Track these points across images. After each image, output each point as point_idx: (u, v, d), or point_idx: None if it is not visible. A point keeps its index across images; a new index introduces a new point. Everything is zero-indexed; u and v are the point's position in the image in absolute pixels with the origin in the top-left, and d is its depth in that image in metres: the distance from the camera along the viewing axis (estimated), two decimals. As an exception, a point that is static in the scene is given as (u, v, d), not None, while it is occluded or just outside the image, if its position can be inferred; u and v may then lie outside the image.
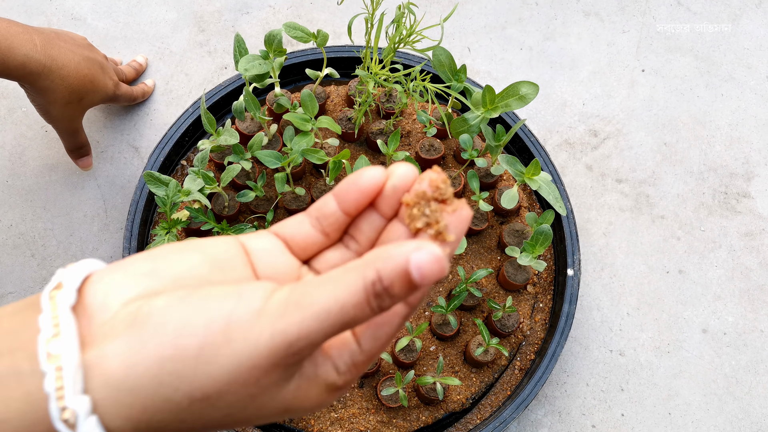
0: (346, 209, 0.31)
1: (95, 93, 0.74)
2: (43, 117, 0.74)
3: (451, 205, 0.30)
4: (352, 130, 0.80)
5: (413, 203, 0.30)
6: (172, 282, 0.28)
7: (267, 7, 0.94)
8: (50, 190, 0.83)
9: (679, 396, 0.77)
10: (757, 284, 0.82)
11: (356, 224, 0.32)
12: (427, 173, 0.30)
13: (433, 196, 0.30)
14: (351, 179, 0.31)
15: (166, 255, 0.30)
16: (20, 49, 0.65)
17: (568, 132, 0.89)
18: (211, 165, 0.81)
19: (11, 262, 0.80)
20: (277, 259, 0.32)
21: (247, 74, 0.68)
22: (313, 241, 0.32)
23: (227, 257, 0.31)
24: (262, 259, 0.32)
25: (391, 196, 0.31)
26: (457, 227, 0.29)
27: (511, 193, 0.71)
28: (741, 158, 0.88)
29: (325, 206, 0.32)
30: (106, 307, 0.27)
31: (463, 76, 0.69)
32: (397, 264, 0.26)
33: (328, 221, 0.32)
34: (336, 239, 0.33)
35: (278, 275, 0.32)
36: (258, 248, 0.32)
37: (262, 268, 0.32)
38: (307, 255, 0.33)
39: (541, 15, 0.95)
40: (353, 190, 0.31)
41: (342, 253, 0.33)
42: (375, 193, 0.31)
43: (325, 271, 0.33)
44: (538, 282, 0.79)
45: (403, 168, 0.31)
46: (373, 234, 0.32)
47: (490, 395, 0.75)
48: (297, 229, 0.32)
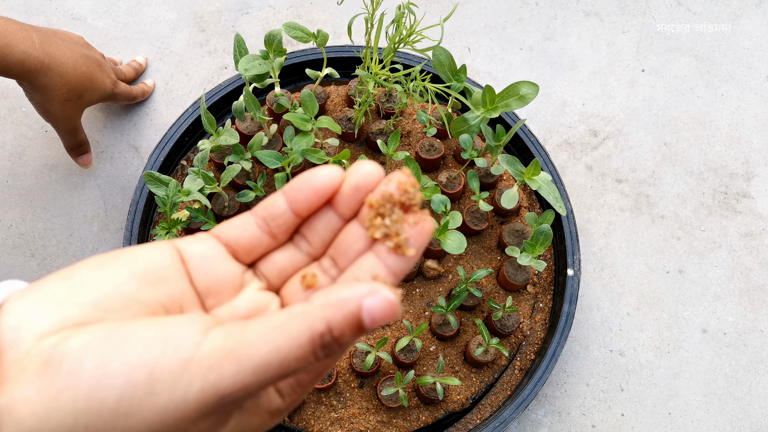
0: (297, 210, 0.29)
1: (93, 91, 0.74)
2: (41, 115, 0.73)
3: (415, 215, 0.28)
4: (352, 130, 0.80)
5: (377, 205, 0.28)
6: (94, 307, 0.25)
7: (267, 7, 0.94)
8: (50, 190, 0.83)
9: (679, 396, 0.77)
10: (757, 284, 0.82)
11: (310, 223, 0.30)
12: (396, 174, 0.28)
13: (400, 200, 0.28)
14: (304, 177, 0.28)
15: (86, 273, 0.27)
16: (19, 46, 0.65)
17: (568, 132, 0.89)
18: (211, 165, 0.81)
19: (11, 262, 0.80)
20: (217, 267, 0.29)
21: (247, 74, 0.68)
22: (259, 244, 0.30)
23: (159, 268, 0.28)
24: (200, 267, 0.29)
25: (352, 195, 0.28)
26: (418, 241, 0.28)
27: (511, 193, 0.71)
28: (741, 158, 0.88)
29: (273, 205, 0.29)
30: (17, 341, 0.24)
31: (463, 76, 0.69)
32: (348, 312, 0.24)
33: (276, 222, 0.29)
34: (284, 240, 0.30)
35: (218, 285, 0.29)
36: (196, 255, 0.29)
37: (200, 279, 0.29)
38: (252, 258, 0.30)
39: (541, 15, 0.95)
40: (306, 189, 0.28)
41: (292, 254, 0.30)
42: (330, 193, 0.29)
43: (272, 276, 0.30)
44: (538, 282, 0.79)
45: (367, 166, 0.28)
46: (328, 235, 0.30)
47: (490, 395, 0.75)
48: (241, 231, 0.30)
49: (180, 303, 0.28)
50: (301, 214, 0.29)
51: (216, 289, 0.29)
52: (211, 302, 0.29)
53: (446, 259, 0.78)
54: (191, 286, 0.29)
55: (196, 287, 0.29)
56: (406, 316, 0.76)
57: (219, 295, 0.29)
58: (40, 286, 0.26)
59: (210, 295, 0.29)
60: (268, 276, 0.30)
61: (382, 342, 0.69)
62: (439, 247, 0.74)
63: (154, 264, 0.28)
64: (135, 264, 0.27)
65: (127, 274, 0.27)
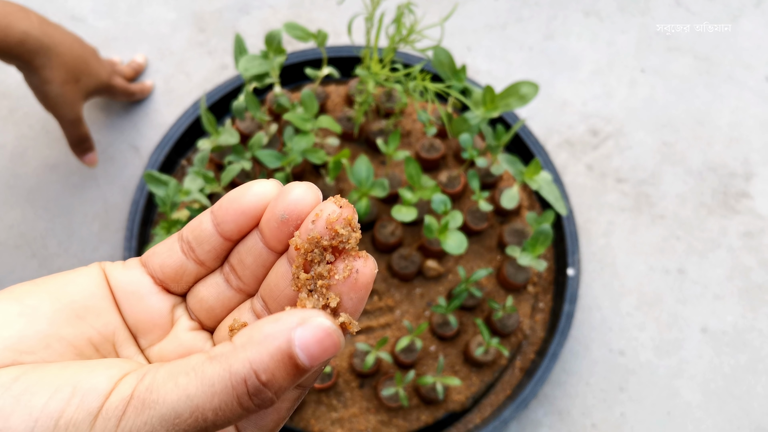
0: (224, 233, 0.25)
1: (90, 75, 0.75)
2: (42, 102, 0.73)
3: (346, 260, 0.23)
4: (352, 130, 0.80)
5: (304, 250, 0.23)
6: (8, 349, 0.22)
7: (267, 7, 0.95)
8: (51, 190, 0.83)
9: (679, 396, 0.77)
10: (757, 284, 0.82)
11: (239, 252, 0.25)
12: (327, 206, 0.23)
13: (331, 243, 0.23)
14: (232, 195, 0.24)
15: (2, 307, 0.23)
16: (18, 26, 0.66)
17: (568, 132, 0.89)
18: (211, 165, 0.81)
19: (12, 262, 0.80)
20: (145, 301, 0.26)
21: (247, 74, 0.68)
22: (186, 272, 0.26)
23: (87, 297, 0.25)
24: (129, 301, 0.26)
25: (278, 229, 0.24)
26: (352, 299, 0.23)
27: (511, 192, 0.71)
28: (740, 158, 0.88)
29: (198, 227, 0.25)
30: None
31: (463, 76, 0.69)
32: (276, 349, 0.20)
33: (204, 248, 0.25)
34: (215, 267, 0.26)
35: (146, 323, 0.26)
36: (123, 285, 0.26)
37: (130, 314, 0.26)
38: (182, 288, 0.26)
39: (541, 15, 0.95)
40: (233, 209, 0.24)
41: (220, 290, 0.26)
42: (261, 215, 0.24)
43: (200, 315, 0.26)
44: (538, 282, 0.79)
45: (297, 191, 0.23)
46: (258, 269, 0.25)
47: (490, 395, 0.75)
48: (165, 260, 0.26)
49: (112, 340, 0.25)
50: (230, 237, 0.25)
51: (144, 328, 0.26)
52: (143, 342, 0.26)
53: (446, 258, 0.78)
54: (123, 321, 0.25)
55: (127, 323, 0.26)
56: (406, 316, 0.76)
57: (149, 333, 0.26)
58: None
59: (140, 333, 0.26)
60: (197, 314, 0.27)
61: (382, 342, 0.69)
62: (440, 247, 0.74)
63: (81, 293, 0.24)
64: (59, 294, 0.24)
65: (50, 306, 0.23)
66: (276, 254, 0.25)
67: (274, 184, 0.24)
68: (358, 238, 0.23)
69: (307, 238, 0.23)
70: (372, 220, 0.77)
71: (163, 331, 0.26)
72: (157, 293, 0.26)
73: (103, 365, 0.22)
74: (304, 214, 0.23)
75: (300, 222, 0.23)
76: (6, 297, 0.24)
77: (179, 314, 0.26)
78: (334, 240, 0.23)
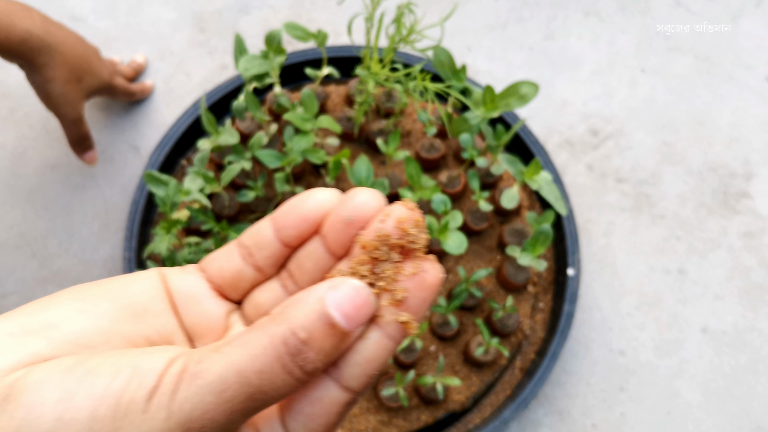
0: (285, 239, 0.25)
1: (92, 75, 0.75)
2: (43, 101, 0.73)
3: (416, 260, 0.23)
4: (352, 130, 0.80)
5: (371, 247, 0.23)
6: (69, 342, 0.23)
7: (267, 7, 0.95)
8: (51, 190, 0.83)
9: (679, 396, 0.77)
10: (757, 284, 0.82)
11: (298, 258, 0.26)
12: (396, 208, 0.24)
13: (399, 242, 0.23)
14: (293, 202, 0.25)
15: (64, 305, 0.24)
16: (21, 24, 0.66)
17: (568, 132, 0.89)
18: (211, 165, 0.81)
19: (12, 262, 0.80)
20: (202, 305, 0.26)
21: (247, 74, 0.68)
22: (243, 278, 0.26)
23: (146, 300, 0.25)
24: (187, 304, 0.26)
25: (343, 231, 0.24)
26: (416, 298, 0.23)
27: (511, 192, 0.71)
28: (741, 158, 0.88)
29: (259, 233, 0.26)
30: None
31: (463, 76, 0.69)
32: (310, 310, 0.21)
33: (263, 254, 0.26)
34: (273, 274, 0.27)
35: (202, 328, 0.26)
36: (182, 290, 0.26)
37: (187, 317, 0.26)
38: (239, 294, 0.27)
39: (541, 15, 0.95)
40: (294, 216, 0.25)
41: (275, 292, 0.27)
42: (322, 221, 0.25)
43: (254, 319, 0.27)
44: (538, 282, 0.79)
45: (364, 195, 0.24)
46: (317, 274, 0.26)
47: (490, 395, 0.75)
48: (224, 265, 0.26)
49: (169, 341, 0.26)
50: (290, 243, 0.26)
51: (200, 331, 0.26)
52: (198, 346, 0.27)
53: (446, 258, 0.78)
54: (179, 323, 0.26)
55: (184, 326, 0.26)
56: (407, 316, 0.76)
57: (205, 337, 0.26)
58: (9, 318, 0.24)
59: (196, 336, 0.27)
60: (253, 319, 0.27)
61: (382, 342, 0.69)
62: (440, 247, 0.74)
63: (140, 295, 0.25)
64: (119, 294, 0.25)
65: (110, 305, 0.24)
66: (336, 259, 0.25)
67: (335, 192, 0.25)
68: (428, 239, 0.24)
69: (376, 235, 0.23)
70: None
71: (217, 336, 0.27)
72: (213, 298, 0.27)
73: (162, 349, 0.23)
74: (370, 216, 0.24)
75: (365, 225, 0.24)
76: (67, 295, 0.25)
77: (234, 320, 0.27)
78: (402, 239, 0.23)
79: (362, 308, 0.22)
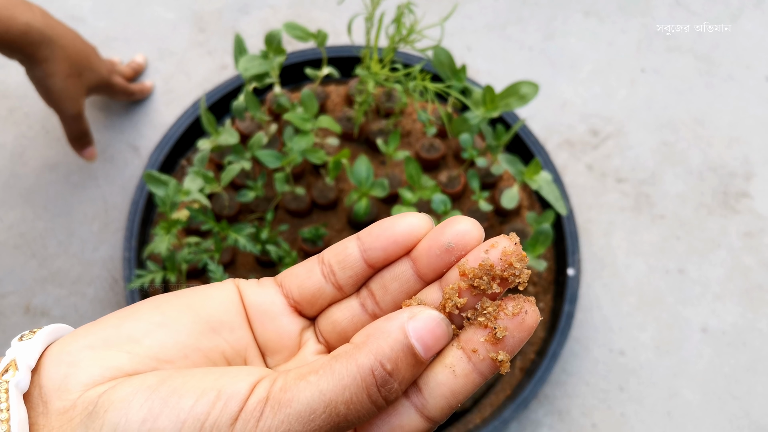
0: (371, 260, 0.25)
1: (92, 71, 0.75)
2: (44, 96, 0.73)
3: (517, 299, 0.23)
4: (352, 130, 0.80)
5: (472, 275, 0.23)
6: (149, 357, 0.23)
7: (267, 7, 0.95)
8: (51, 189, 0.83)
9: (679, 396, 0.77)
10: (757, 284, 0.82)
11: (381, 278, 0.26)
12: (502, 240, 0.24)
13: (501, 274, 0.23)
14: (384, 225, 0.25)
15: (144, 318, 0.24)
16: (21, 18, 0.66)
17: (568, 132, 0.89)
18: (211, 165, 0.81)
19: (12, 262, 0.80)
20: (277, 321, 0.26)
21: (247, 74, 0.68)
22: (323, 296, 0.26)
23: (223, 313, 0.26)
24: (262, 319, 0.27)
25: (439, 257, 0.24)
26: (515, 337, 0.23)
27: (511, 192, 0.71)
28: (741, 158, 0.88)
29: (344, 252, 0.26)
30: (64, 390, 0.23)
31: (463, 76, 0.69)
32: (395, 341, 0.21)
33: (345, 273, 0.26)
34: (350, 293, 0.27)
35: (276, 343, 0.27)
36: (257, 305, 0.26)
37: (261, 332, 0.26)
38: (315, 310, 0.27)
39: (541, 15, 0.95)
40: (384, 238, 0.25)
41: (355, 315, 0.26)
42: (412, 245, 0.25)
43: (331, 338, 0.27)
44: (538, 282, 0.79)
45: (465, 224, 0.24)
46: (401, 296, 0.25)
47: (490, 395, 0.75)
48: (304, 282, 0.26)
49: (243, 356, 0.26)
50: (375, 265, 0.25)
51: (274, 347, 0.27)
52: (271, 361, 0.27)
53: (446, 258, 0.78)
54: (253, 338, 0.26)
55: (257, 340, 0.26)
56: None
57: (278, 353, 0.27)
58: (91, 330, 0.24)
59: (269, 352, 0.27)
60: (327, 337, 0.27)
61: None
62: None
63: (217, 308, 0.26)
64: (197, 307, 0.25)
65: (189, 319, 0.25)
66: (423, 283, 0.25)
67: (426, 216, 0.25)
68: (529, 274, 0.24)
69: (480, 264, 0.23)
70: (372, 220, 0.77)
71: (290, 353, 0.27)
72: (288, 314, 0.27)
73: (244, 371, 0.23)
74: (470, 246, 0.24)
75: (464, 253, 0.24)
76: (149, 307, 0.25)
77: (307, 337, 0.27)
78: (506, 271, 0.23)
79: (440, 339, 0.22)
